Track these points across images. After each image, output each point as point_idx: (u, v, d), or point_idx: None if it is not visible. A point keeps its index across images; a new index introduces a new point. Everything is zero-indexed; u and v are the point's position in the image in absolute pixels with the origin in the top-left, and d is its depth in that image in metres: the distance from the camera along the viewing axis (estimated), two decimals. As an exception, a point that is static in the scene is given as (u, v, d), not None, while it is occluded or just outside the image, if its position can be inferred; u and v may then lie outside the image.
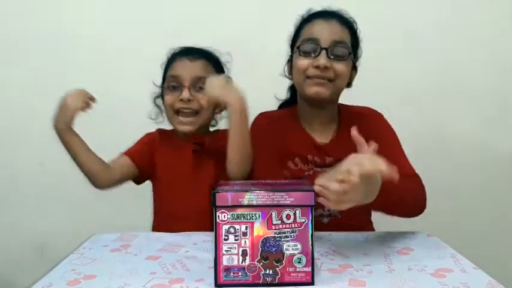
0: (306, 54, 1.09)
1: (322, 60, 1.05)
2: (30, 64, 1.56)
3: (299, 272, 0.76)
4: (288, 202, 0.74)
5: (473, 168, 1.60)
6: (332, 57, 1.07)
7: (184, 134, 1.20)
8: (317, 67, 1.06)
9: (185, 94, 1.14)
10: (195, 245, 1.00)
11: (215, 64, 1.22)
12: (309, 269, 0.76)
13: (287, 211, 0.75)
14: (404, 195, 0.95)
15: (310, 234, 0.75)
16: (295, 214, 0.75)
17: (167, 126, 1.25)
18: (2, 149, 1.60)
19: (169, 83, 1.18)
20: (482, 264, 0.87)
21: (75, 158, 1.12)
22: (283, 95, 1.45)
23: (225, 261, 0.76)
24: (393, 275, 0.81)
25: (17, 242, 1.62)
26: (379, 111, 1.21)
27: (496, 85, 1.59)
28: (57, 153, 1.60)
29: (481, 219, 1.53)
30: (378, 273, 0.82)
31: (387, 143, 1.13)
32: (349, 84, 1.16)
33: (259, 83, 1.55)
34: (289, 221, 0.75)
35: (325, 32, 1.08)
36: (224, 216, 0.75)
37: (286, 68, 1.22)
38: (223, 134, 1.14)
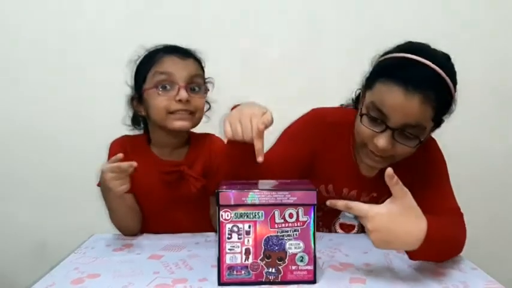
0: (370, 123, 0.91)
1: (384, 143, 0.88)
2: (30, 64, 1.56)
3: (301, 270, 0.77)
4: (290, 201, 0.75)
5: (473, 168, 1.61)
6: (398, 139, 0.89)
7: (161, 149, 1.14)
8: (379, 149, 0.91)
9: (183, 94, 1.04)
10: (197, 244, 1.00)
11: (201, 64, 1.14)
12: (311, 267, 0.77)
13: (290, 210, 0.75)
14: (449, 243, 0.86)
15: (312, 233, 0.76)
16: (297, 213, 0.75)
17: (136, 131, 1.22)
18: (2, 148, 1.59)
19: (160, 82, 1.06)
20: (482, 264, 0.88)
21: (115, 217, 1.08)
22: (280, 94, 1.44)
23: (228, 259, 0.76)
24: (393, 273, 0.82)
25: (17, 241, 1.62)
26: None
27: (495, 85, 1.60)
28: (58, 153, 1.61)
29: (480, 219, 1.54)
30: (378, 272, 0.83)
31: (433, 173, 1.01)
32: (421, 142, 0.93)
33: (256, 82, 1.57)
34: (292, 220, 0.76)
35: (399, 111, 0.85)
36: (227, 215, 0.75)
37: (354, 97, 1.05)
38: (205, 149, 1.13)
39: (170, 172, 1.11)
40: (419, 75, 0.85)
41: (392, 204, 0.76)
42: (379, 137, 0.89)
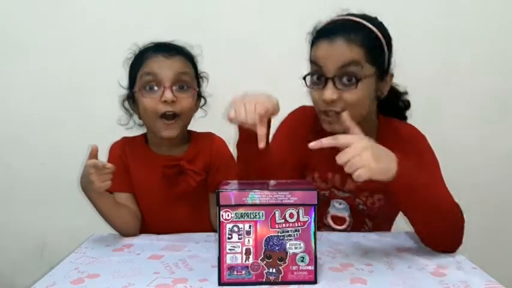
0: (314, 84, 0.97)
1: (328, 94, 0.93)
2: (30, 64, 1.56)
3: (302, 270, 0.76)
4: (291, 201, 0.75)
5: (473, 168, 1.61)
6: (340, 87, 0.93)
7: (158, 147, 1.14)
8: (327, 101, 0.94)
9: (168, 95, 1.03)
10: (197, 244, 1.00)
11: (191, 60, 1.13)
12: (311, 267, 0.77)
13: (290, 210, 0.75)
14: (431, 199, 0.87)
15: (312, 233, 0.76)
16: (298, 213, 0.75)
17: (135, 131, 1.21)
18: (2, 148, 1.59)
19: (146, 83, 1.06)
20: (482, 264, 0.87)
21: (105, 218, 1.07)
22: (280, 92, 1.43)
23: (228, 259, 0.76)
24: (394, 273, 0.82)
25: (17, 242, 1.62)
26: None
27: (496, 86, 1.60)
28: (58, 153, 1.62)
29: (481, 219, 1.55)
30: (378, 272, 0.83)
31: (422, 167, 0.98)
32: (378, 97, 1.02)
33: (255, 80, 1.57)
34: (293, 220, 0.76)
35: (329, 58, 0.93)
36: (228, 215, 0.75)
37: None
38: (204, 148, 1.13)
39: (170, 166, 1.11)
40: (339, 25, 0.97)
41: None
42: (324, 91, 0.94)
